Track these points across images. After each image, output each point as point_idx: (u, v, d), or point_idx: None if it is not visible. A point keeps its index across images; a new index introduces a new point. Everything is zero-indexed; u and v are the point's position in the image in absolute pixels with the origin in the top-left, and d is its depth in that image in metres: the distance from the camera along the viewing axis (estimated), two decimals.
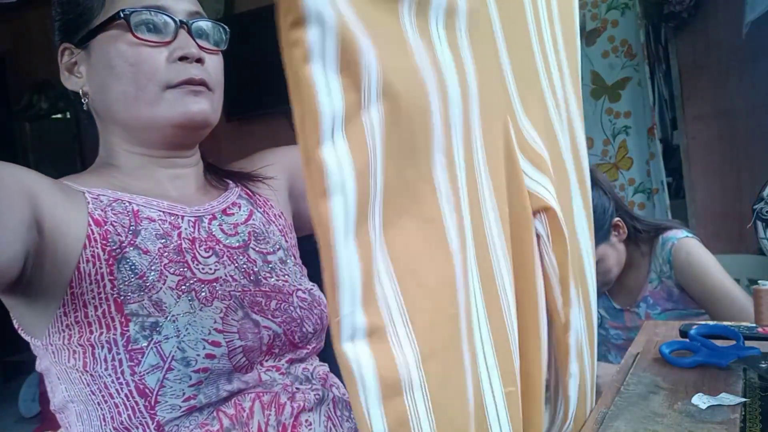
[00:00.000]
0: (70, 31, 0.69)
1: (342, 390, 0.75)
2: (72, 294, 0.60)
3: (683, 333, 0.81)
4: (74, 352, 0.61)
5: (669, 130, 2.27)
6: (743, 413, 0.56)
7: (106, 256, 0.61)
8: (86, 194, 0.64)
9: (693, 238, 1.31)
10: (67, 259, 0.60)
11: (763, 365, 0.66)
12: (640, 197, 2.25)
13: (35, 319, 0.63)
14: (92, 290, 0.60)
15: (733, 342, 0.73)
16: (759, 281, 0.86)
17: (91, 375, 0.60)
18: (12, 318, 0.66)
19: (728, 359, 0.69)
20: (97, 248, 0.61)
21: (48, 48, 0.70)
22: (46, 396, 0.68)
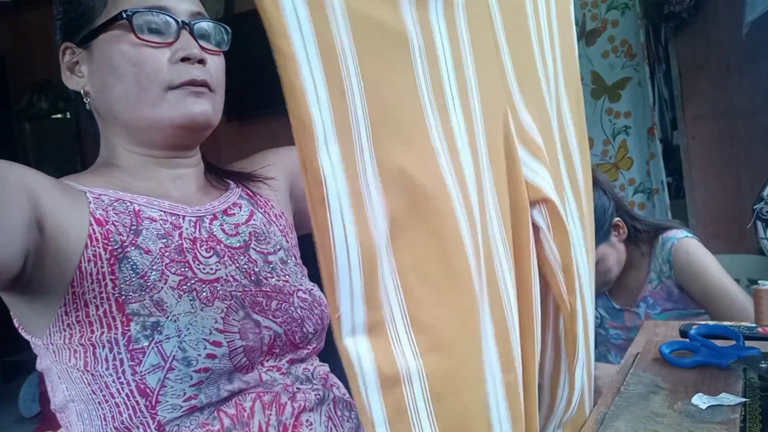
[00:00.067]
0: (72, 31, 0.69)
1: (342, 390, 0.75)
2: (73, 293, 0.60)
3: (683, 333, 0.81)
4: (75, 352, 0.61)
5: (669, 130, 2.27)
6: (743, 413, 0.56)
7: (108, 256, 0.61)
8: (88, 194, 0.64)
9: (693, 238, 1.31)
10: (69, 259, 0.60)
11: (763, 365, 0.66)
12: (640, 197, 2.25)
13: (36, 318, 0.63)
14: (93, 290, 0.60)
15: (733, 342, 0.73)
16: (759, 281, 0.86)
17: (92, 374, 0.60)
18: (12, 317, 0.66)
19: (728, 359, 0.69)
20: (99, 248, 0.61)
21: (48, 48, 0.70)
22: (46, 396, 0.68)
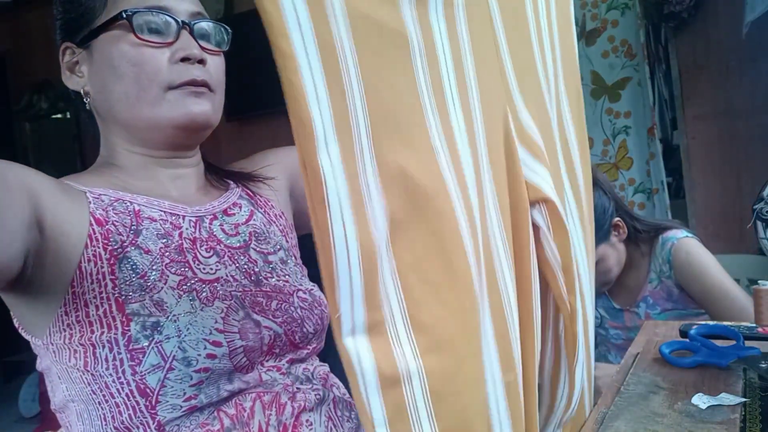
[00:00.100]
0: (72, 31, 0.69)
1: (342, 390, 0.75)
2: (73, 293, 0.60)
3: (683, 333, 0.81)
4: (75, 352, 0.61)
5: (669, 130, 2.27)
6: (743, 413, 0.56)
7: (108, 256, 0.61)
8: (88, 194, 0.64)
9: (693, 238, 1.31)
10: (69, 259, 0.60)
11: (763, 365, 0.66)
12: (640, 197, 2.25)
13: (36, 318, 0.63)
14: (93, 290, 0.60)
15: (733, 342, 0.73)
16: (759, 281, 0.86)
17: (92, 374, 0.60)
18: (12, 317, 0.66)
19: (728, 359, 0.69)
20: (99, 248, 0.61)
21: (48, 48, 0.70)
22: (46, 396, 0.68)
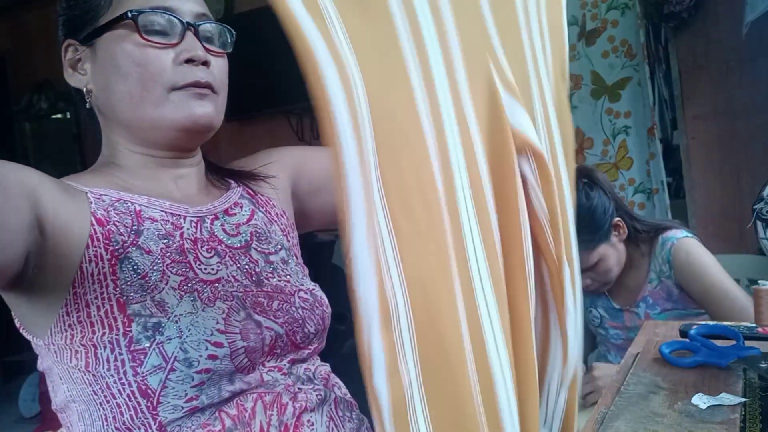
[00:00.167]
0: (76, 28, 0.69)
1: (344, 390, 0.75)
2: (74, 294, 0.60)
3: (683, 333, 0.81)
4: (76, 352, 0.61)
5: (669, 130, 2.27)
6: (743, 413, 0.56)
7: (109, 256, 0.61)
8: (89, 194, 0.64)
9: (693, 238, 1.31)
10: (70, 259, 0.60)
11: (763, 365, 0.66)
12: (640, 197, 2.25)
13: (37, 319, 0.63)
14: (95, 290, 0.60)
15: (733, 342, 0.73)
16: (759, 281, 0.86)
17: (93, 375, 0.60)
18: (14, 317, 0.66)
19: (728, 359, 0.69)
20: (100, 248, 0.61)
21: (48, 48, 0.71)
22: (46, 396, 0.68)
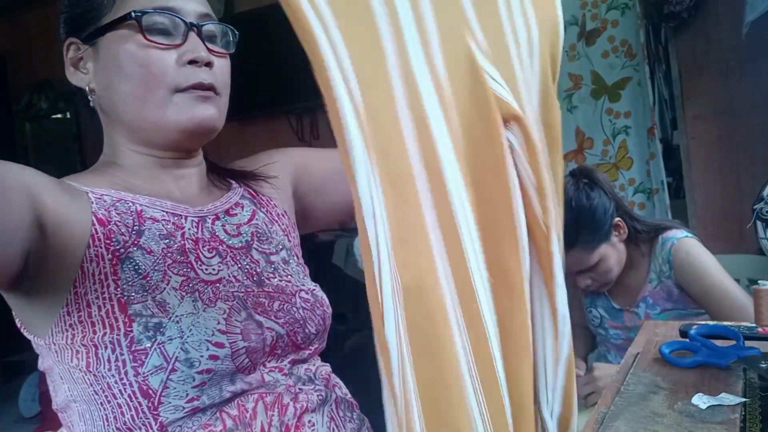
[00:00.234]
0: (78, 26, 0.69)
1: (344, 390, 0.75)
2: (75, 293, 0.60)
3: (683, 333, 0.81)
4: (77, 352, 0.61)
5: (669, 130, 2.28)
6: (743, 413, 0.57)
7: (110, 256, 0.61)
8: (89, 194, 0.64)
9: (693, 238, 1.31)
10: (71, 259, 0.60)
11: (763, 365, 0.66)
12: (640, 197, 2.25)
13: (39, 318, 0.63)
14: (96, 290, 0.60)
15: (733, 342, 0.73)
16: (759, 281, 0.86)
17: (95, 375, 0.60)
18: (14, 317, 0.66)
19: (728, 359, 0.69)
20: (101, 248, 0.61)
21: (48, 48, 0.71)
22: (46, 396, 0.68)
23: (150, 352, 0.59)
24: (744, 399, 0.59)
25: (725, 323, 0.84)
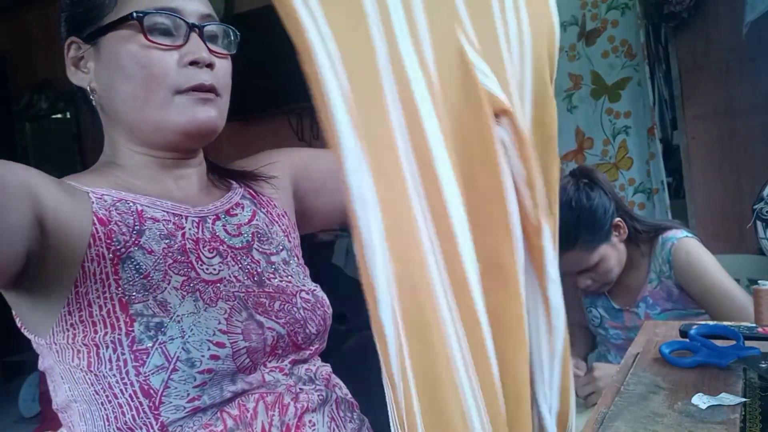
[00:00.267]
0: (79, 26, 0.69)
1: (345, 390, 0.75)
2: (77, 293, 0.60)
3: (683, 333, 0.81)
4: (78, 352, 0.61)
5: (669, 130, 2.27)
6: (743, 413, 0.57)
7: (111, 256, 0.62)
8: (90, 194, 0.64)
9: (693, 238, 1.31)
10: (72, 258, 0.60)
11: (763, 365, 0.66)
12: (640, 197, 2.25)
13: (39, 318, 0.63)
14: (97, 289, 0.60)
15: (733, 342, 0.73)
16: (759, 281, 0.86)
17: (95, 375, 0.60)
18: (15, 316, 0.66)
19: (728, 359, 0.69)
20: (102, 247, 0.61)
21: (48, 48, 0.70)
22: (47, 396, 0.68)
23: (151, 352, 0.59)
24: (744, 399, 0.59)
25: (725, 323, 0.84)
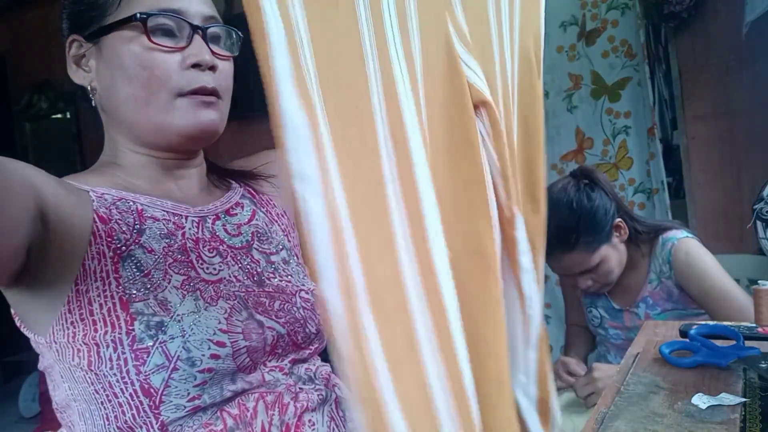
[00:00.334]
0: (81, 24, 0.68)
1: (344, 390, 0.75)
2: (77, 291, 0.60)
3: (683, 333, 0.81)
4: (78, 351, 0.61)
5: (669, 130, 2.27)
6: (743, 413, 0.57)
7: (111, 254, 0.62)
8: (90, 192, 0.64)
9: (693, 238, 1.31)
10: (73, 255, 0.60)
11: (763, 365, 0.66)
12: (640, 197, 2.25)
13: (39, 316, 0.63)
14: (97, 287, 0.60)
15: (733, 342, 0.73)
16: (759, 281, 0.86)
17: (96, 374, 0.60)
18: (14, 315, 0.66)
19: (728, 359, 0.69)
20: (103, 245, 0.61)
21: (48, 48, 0.70)
22: (46, 396, 0.68)
23: (152, 351, 0.59)
24: (744, 399, 0.59)
25: (725, 323, 0.84)
